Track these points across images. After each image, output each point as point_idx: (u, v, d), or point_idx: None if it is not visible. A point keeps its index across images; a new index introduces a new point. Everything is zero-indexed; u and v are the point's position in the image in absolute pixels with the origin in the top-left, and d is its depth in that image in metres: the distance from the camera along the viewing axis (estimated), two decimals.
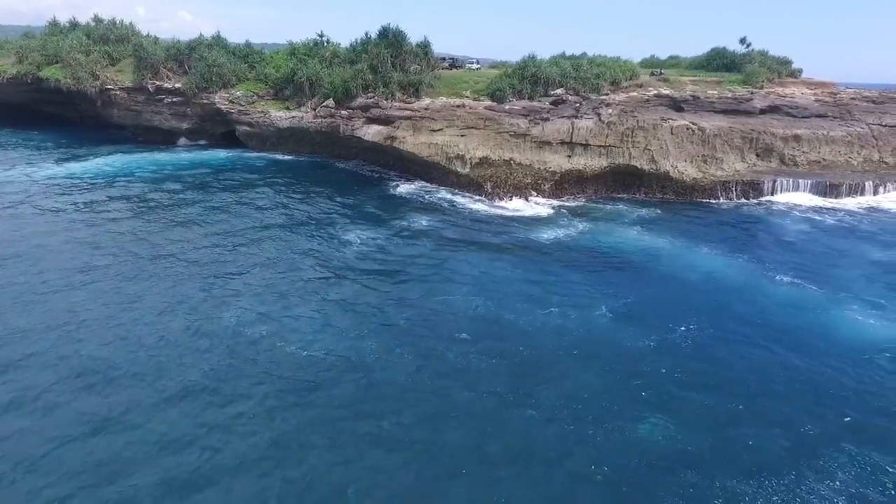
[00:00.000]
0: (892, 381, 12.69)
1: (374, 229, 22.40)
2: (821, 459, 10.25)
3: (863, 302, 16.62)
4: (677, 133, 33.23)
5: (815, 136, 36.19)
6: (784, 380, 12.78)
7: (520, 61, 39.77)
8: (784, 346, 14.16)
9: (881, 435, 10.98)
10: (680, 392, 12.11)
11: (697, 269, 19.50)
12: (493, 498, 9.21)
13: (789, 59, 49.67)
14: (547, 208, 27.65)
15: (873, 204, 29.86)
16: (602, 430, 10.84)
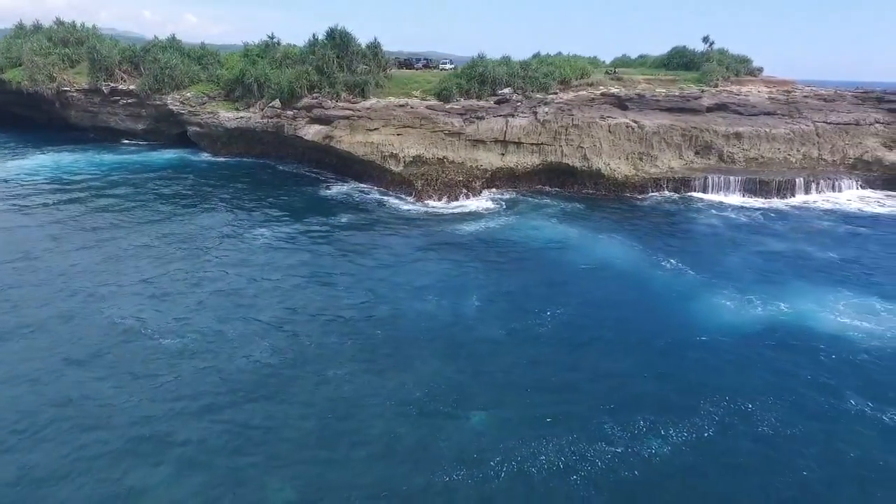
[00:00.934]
0: (712, 360, 13.51)
1: (287, 228, 23.30)
2: (625, 423, 10.94)
3: (732, 290, 17.42)
4: (615, 131, 34.07)
5: (756, 133, 36.95)
6: (616, 357, 13.58)
7: (469, 61, 40.76)
8: (634, 328, 14.98)
9: (681, 405, 11.73)
10: (518, 381, 12.75)
11: (592, 258, 20.34)
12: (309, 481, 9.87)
13: (748, 58, 50.44)
14: (473, 204, 28.53)
15: (799, 202, 30.57)
16: (427, 419, 11.43)
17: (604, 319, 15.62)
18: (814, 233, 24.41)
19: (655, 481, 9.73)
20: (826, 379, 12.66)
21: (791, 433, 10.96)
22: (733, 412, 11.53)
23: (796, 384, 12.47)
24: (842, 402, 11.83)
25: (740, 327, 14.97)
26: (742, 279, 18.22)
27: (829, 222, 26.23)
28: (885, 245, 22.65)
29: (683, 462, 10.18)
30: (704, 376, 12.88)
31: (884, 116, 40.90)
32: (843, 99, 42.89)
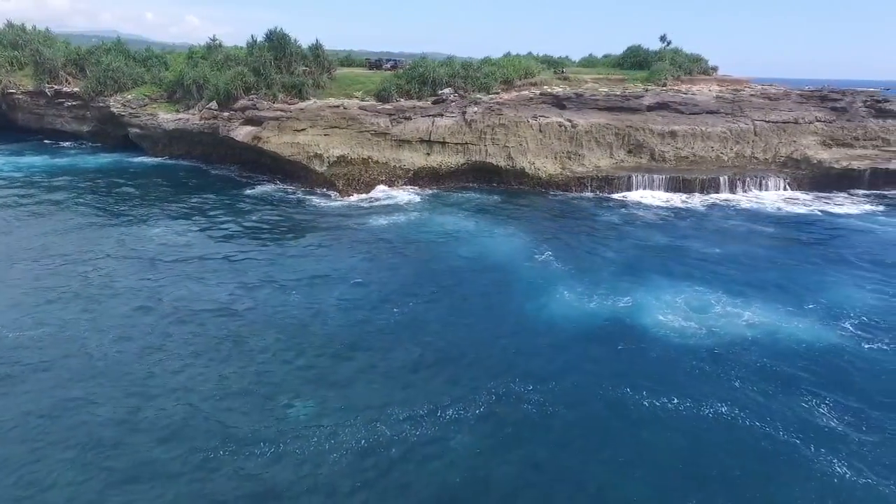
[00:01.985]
0: (524, 346, 14.15)
1: (187, 226, 23.90)
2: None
3: (587, 283, 17.98)
4: (545, 130, 34.70)
5: (692, 132, 37.51)
6: (455, 347, 14.16)
7: (415, 62, 41.51)
8: (472, 316, 15.59)
9: (471, 386, 12.32)
10: (346, 372, 13.35)
11: (475, 251, 21.05)
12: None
13: (701, 57, 51.02)
14: (388, 200, 29.08)
15: (720, 199, 31.08)
16: (249, 408, 12.01)
17: (450, 308, 16.27)
18: (713, 230, 24.98)
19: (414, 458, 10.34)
20: (612, 369, 13.27)
21: (558, 413, 11.62)
22: (512, 393, 12.20)
23: (580, 372, 13.06)
24: (615, 391, 12.43)
25: (569, 318, 15.57)
26: (603, 273, 18.82)
27: (737, 220, 26.78)
28: (774, 244, 23.12)
29: (438, 436, 10.81)
30: (510, 361, 13.51)
31: (825, 115, 41.43)
32: (789, 98, 43.41)
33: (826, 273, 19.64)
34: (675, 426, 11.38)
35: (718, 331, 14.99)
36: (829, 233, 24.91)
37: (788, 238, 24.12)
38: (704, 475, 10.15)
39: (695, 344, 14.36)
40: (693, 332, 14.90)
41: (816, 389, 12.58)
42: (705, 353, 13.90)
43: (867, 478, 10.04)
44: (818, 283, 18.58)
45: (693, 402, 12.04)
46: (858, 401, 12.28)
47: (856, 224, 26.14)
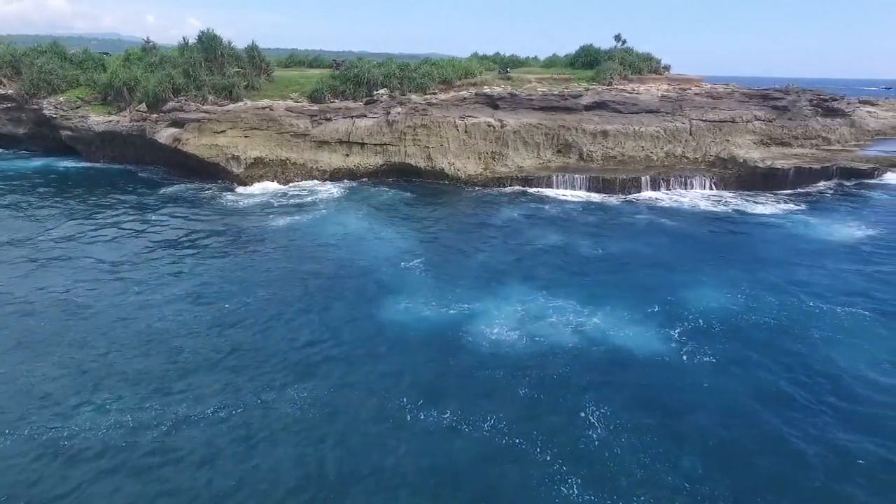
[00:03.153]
0: (335, 350, 14.25)
1: (81, 226, 24.08)
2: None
3: (448, 292, 17.98)
4: (472, 130, 34.85)
5: (625, 131, 37.65)
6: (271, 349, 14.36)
7: (351, 62, 41.71)
8: (314, 324, 15.74)
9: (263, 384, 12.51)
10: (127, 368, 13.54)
11: (356, 252, 21.22)
12: None
13: (652, 56, 51.12)
14: (305, 196, 29.19)
15: (641, 198, 31.10)
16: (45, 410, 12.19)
17: (283, 313, 16.37)
18: (610, 228, 25.08)
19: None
20: (401, 380, 13.29)
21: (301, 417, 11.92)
22: (283, 397, 12.44)
23: (363, 381, 13.21)
24: (386, 401, 12.50)
25: (395, 327, 15.62)
26: (462, 279, 18.86)
27: (642, 217, 26.88)
28: (663, 244, 23.12)
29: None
30: (310, 366, 13.65)
31: (766, 114, 41.59)
32: (732, 97, 43.49)
33: (697, 274, 19.69)
34: (429, 440, 11.37)
35: (540, 339, 14.94)
36: (728, 231, 24.95)
37: (683, 236, 24.16)
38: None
39: (501, 353, 14.22)
40: (511, 341, 14.83)
41: (597, 403, 12.44)
42: (507, 364, 13.75)
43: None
44: (679, 285, 18.62)
45: (456, 414, 11.99)
46: (636, 412, 12.26)
47: (762, 222, 26.15)
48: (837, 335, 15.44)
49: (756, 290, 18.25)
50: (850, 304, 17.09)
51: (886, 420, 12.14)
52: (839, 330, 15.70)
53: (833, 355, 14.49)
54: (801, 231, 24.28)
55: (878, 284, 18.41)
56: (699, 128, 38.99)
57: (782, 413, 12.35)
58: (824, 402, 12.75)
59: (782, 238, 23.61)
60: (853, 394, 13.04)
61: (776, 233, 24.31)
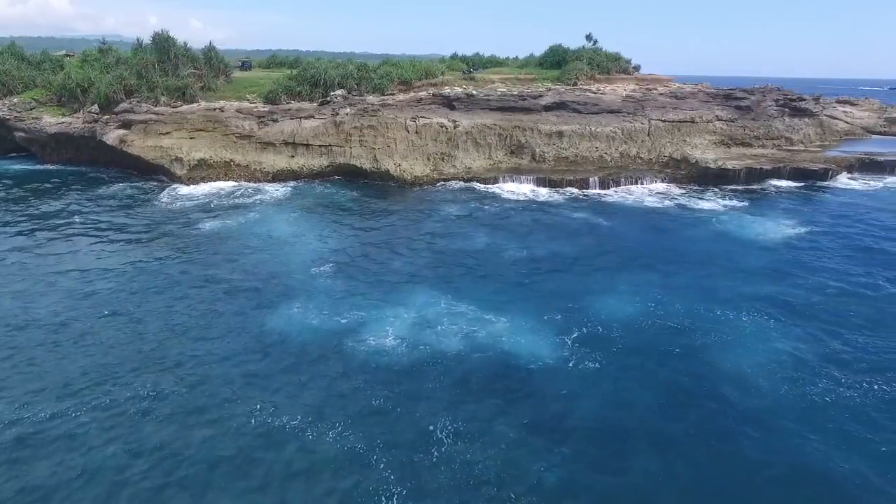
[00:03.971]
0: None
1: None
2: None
3: (349, 299, 17.75)
4: (422, 131, 34.60)
5: (580, 132, 37.35)
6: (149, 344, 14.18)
7: (308, 63, 41.57)
8: (200, 331, 15.54)
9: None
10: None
11: (274, 257, 20.97)
12: None
13: (621, 56, 50.85)
14: (247, 197, 29.00)
15: (591, 194, 30.86)
16: None
17: (175, 320, 16.11)
18: (545, 227, 24.73)
19: None
20: (273, 389, 13.08)
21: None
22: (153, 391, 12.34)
23: (230, 381, 13.09)
24: (235, 406, 12.35)
25: (277, 331, 15.40)
26: (365, 286, 18.56)
27: (582, 215, 26.55)
28: (591, 244, 22.82)
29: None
30: (187, 370, 13.53)
31: (728, 114, 41.27)
32: (696, 97, 43.17)
33: (613, 276, 19.40)
34: (264, 443, 11.20)
35: (423, 348, 14.63)
36: (660, 231, 24.53)
37: (612, 236, 23.83)
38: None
39: (373, 362, 13.90)
40: (390, 350, 14.50)
41: (454, 413, 12.11)
42: (374, 373, 13.49)
43: None
44: (591, 289, 18.33)
45: (304, 421, 11.77)
46: (495, 421, 11.98)
47: (697, 221, 25.78)
48: (732, 339, 15.12)
49: (667, 293, 17.94)
50: (755, 308, 16.75)
51: (759, 424, 11.89)
52: (735, 334, 15.37)
53: (721, 361, 14.17)
54: (732, 231, 23.93)
55: (788, 288, 18.08)
56: (658, 128, 38.65)
57: (651, 422, 12.08)
58: (699, 407, 12.47)
59: (711, 238, 23.28)
60: (729, 399, 12.76)
61: (707, 232, 23.97)
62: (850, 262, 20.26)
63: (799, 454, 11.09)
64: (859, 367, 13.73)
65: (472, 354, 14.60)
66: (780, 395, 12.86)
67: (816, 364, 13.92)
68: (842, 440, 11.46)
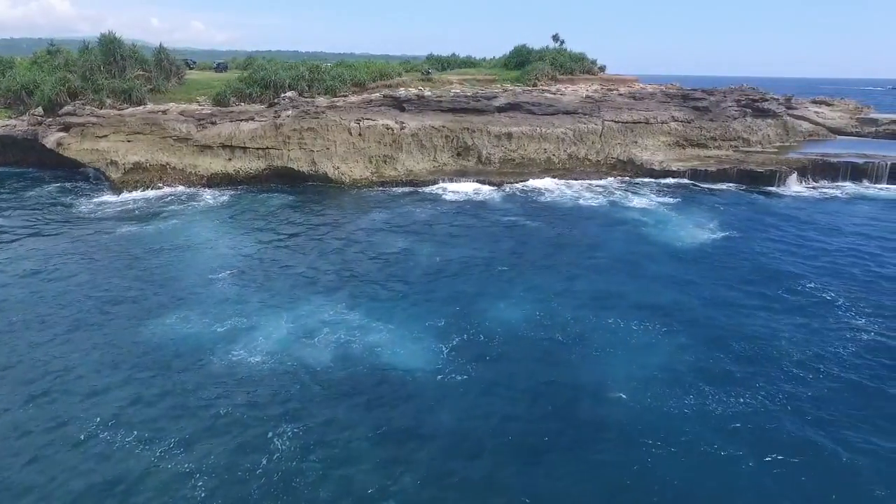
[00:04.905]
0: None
1: None
2: None
3: (238, 306, 17.35)
4: (367, 134, 34.20)
5: (530, 133, 36.98)
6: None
7: (252, 66, 41.26)
8: (80, 338, 15.17)
9: None
10: None
11: (181, 264, 20.56)
12: None
13: (584, 56, 50.50)
14: (177, 203, 28.61)
15: (529, 190, 30.53)
16: None
17: (51, 321, 15.85)
18: (467, 230, 24.30)
19: None
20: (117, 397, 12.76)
21: None
22: None
23: (81, 392, 12.87)
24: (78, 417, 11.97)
25: (145, 341, 15.00)
26: (265, 291, 18.17)
27: (513, 216, 26.00)
28: (508, 248, 22.40)
29: None
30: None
31: (684, 115, 40.87)
32: (654, 97, 42.78)
33: (513, 281, 18.90)
34: (94, 456, 10.85)
35: (292, 358, 14.04)
36: (581, 232, 23.97)
37: (531, 237, 23.20)
38: None
39: (234, 373, 13.54)
40: (259, 361, 14.05)
41: (294, 424, 11.80)
42: (229, 384, 13.12)
43: None
44: (487, 295, 17.84)
45: (143, 433, 11.46)
46: (340, 432, 11.63)
47: (623, 221, 25.37)
48: (612, 350, 14.66)
49: (562, 298, 17.46)
50: (647, 317, 16.28)
51: (615, 436, 11.50)
52: (617, 344, 14.91)
53: (594, 372, 13.71)
54: (651, 235, 23.36)
55: (685, 297, 17.56)
56: (611, 129, 38.24)
57: (506, 433, 11.67)
58: (559, 419, 12.04)
59: (628, 241, 22.66)
60: (590, 411, 12.33)
61: (626, 235, 23.37)
62: (752, 277, 19.08)
63: (650, 466, 10.70)
64: (730, 381, 13.27)
65: (341, 365, 14.16)
66: (643, 408, 12.39)
67: (690, 378, 13.44)
68: (691, 454, 11.06)
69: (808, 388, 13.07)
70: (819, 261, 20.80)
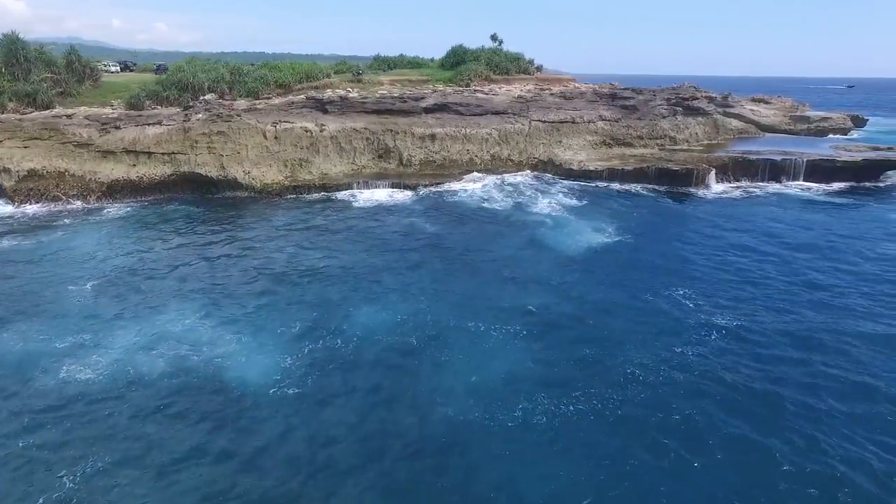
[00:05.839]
0: None
1: None
2: None
3: (85, 322, 16.49)
4: (283, 137, 33.37)
5: (454, 134, 36.64)
6: None
7: (177, 66, 40.05)
8: None
9: None
10: None
11: (44, 268, 19.67)
12: None
13: (520, 56, 50.50)
14: (75, 216, 27.31)
15: (443, 191, 30.15)
16: None
17: None
18: (362, 233, 23.75)
19: None
20: None
21: None
22: None
23: None
24: None
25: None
26: (119, 304, 17.35)
27: (415, 219, 25.55)
28: (384, 255, 21.81)
29: None
30: None
31: (612, 114, 41.04)
32: (584, 97, 42.88)
33: (385, 285, 18.46)
34: None
35: (126, 373, 13.47)
36: (482, 232, 23.84)
37: (427, 241, 22.92)
38: None
39: (67, 392, 12.85)
40: (91, 377, 13.35)
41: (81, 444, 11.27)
42: (63, 403, 12.50)
43: None
44: (350, 300, 17.38)
45: None
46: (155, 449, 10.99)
47: (525, 223, 25.18)
48: (465, 356, 14.21)
49: (429, 303, 16.97)
50: (511, 322, 15.84)
51: (450, 445, 11.07)
52: (472, 351, 14.47)
53: (441, 379, 13.28)
54: (547, 236, 23.04)
55: (557, 301, 17.20)
56: (537, 129, 38.15)
57: (321, 458, 11.11)
58: (381, 437, 11.54)
59: (520, 244, 22.22)
60: (424, 420, 11.88)
61: (520, 237, 22.99)
62: (627, 282, 18.77)
63: (465, 481, 10.27)
64: (567, 386, 12.93)
65: (174, 380, 13.47)
66: (470, 420, 11.96)
67: (527, 385, 13.04)
68: (510, 463, 10.67)
69: (640, 391, 12.75)
70: (698, 265, 20.50)
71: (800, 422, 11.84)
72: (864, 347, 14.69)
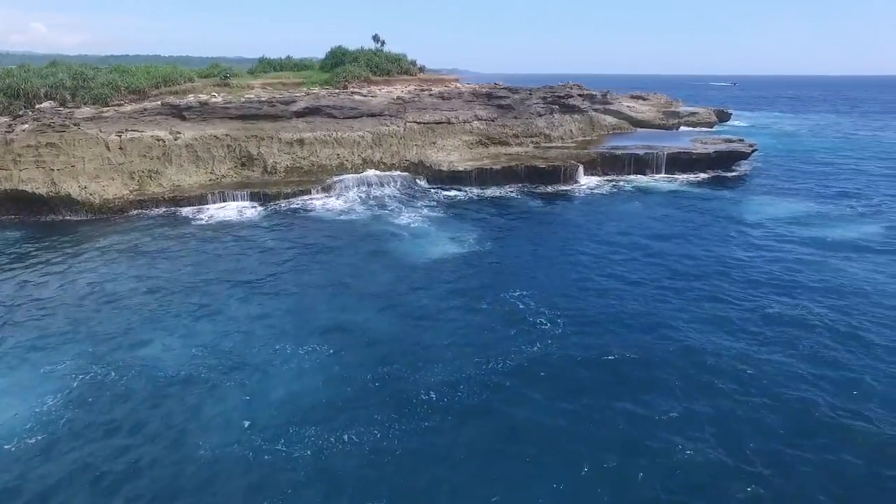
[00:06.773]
0: None
1: None
2: None
3: None
4: (128, 147, 30.52)
5: (324, 138, 35.23)
6: None
7: (6, 70, 35.83)
8: None
9: None
10: None
11: None
12: None
13: (402, 57, 49.70)
14: None
15: (298, 204, 28.57)
16: None
17: None
18: (213, 249, 21.94)
19: None
20: None
21: None
22: None
23: None
24: None
25: None
26: None
27: (271, 234, 23.89)
28: (230, 268, 20.24)
29: None
30: None
31: (488, 113, 41.13)
32: (461, 97, 42.64)
33: (195, 309, 16.85)
34: None
35: None
36: (330, 247, 22.57)
37: (263, 258, 21.29)
38: None
39: None
40: None
41: None
42: None
43: None
44: (134, 331, 15.65)
45: None
46: None
47: (385, 233, 24.22)
48: (255, 383, 12.95)
49: (239, 325, 15.59)
50: (320, 340, 14.76)
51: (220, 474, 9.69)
52: (265, 376, 13.23)
53: (214, 411, 11.97)
54: (398, 249, 21.76)
55: (378, 315, 16.30)
56: (412, 130, 37.43)
57: None
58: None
59: (367, 257, 20.94)
60: (187, 476, 10.49)
61: (370, 251, 21.72)
62: (469, 290, 18.00)
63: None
64: (355, 415, 11.97)
65: None
66: (241, 451, 10.78)
67: (316, 412, 11.99)
68: None
69: (427, 416, 11.98)
70: (545, 265, 20.42)
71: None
72: (694, 331, 14.83)
